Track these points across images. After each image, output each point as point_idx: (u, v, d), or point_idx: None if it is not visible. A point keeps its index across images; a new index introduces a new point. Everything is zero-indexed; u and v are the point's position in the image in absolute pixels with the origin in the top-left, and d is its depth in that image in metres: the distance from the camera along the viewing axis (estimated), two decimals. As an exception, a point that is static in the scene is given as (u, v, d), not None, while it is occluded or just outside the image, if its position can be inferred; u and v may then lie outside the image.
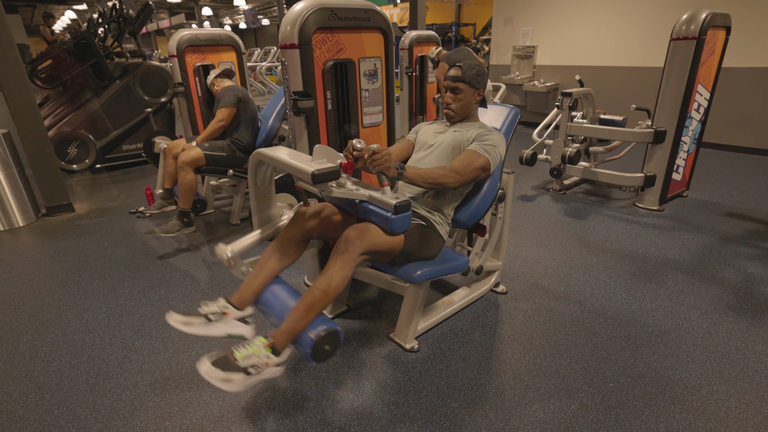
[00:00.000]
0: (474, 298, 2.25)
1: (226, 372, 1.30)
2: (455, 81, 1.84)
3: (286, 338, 1.40)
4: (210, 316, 1.51)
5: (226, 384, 1.29)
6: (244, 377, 1.32)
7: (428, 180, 1.66)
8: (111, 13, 5.40)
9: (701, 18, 3.06)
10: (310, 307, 1.42)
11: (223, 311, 1.54)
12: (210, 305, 1.54)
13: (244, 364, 1.33)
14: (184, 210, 2.88)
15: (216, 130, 2.99)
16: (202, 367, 1.32)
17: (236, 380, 1.30)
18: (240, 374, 1.31)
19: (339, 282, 1.45)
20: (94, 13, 9.86)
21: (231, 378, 1.30)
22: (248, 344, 1.37)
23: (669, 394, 1.66)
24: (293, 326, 1.41)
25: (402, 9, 14.51)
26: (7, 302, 2.38)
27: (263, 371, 1.35)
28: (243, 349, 1.36)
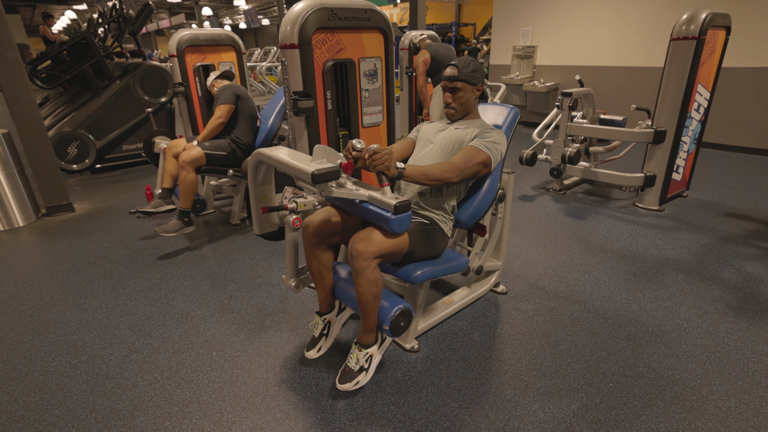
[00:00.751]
0: (474, 298, 2.25)
1: (354, 380, 1.62)
2: (453, 81, 1.84)
3: (368, 335, 1.67)
4: (324, 331, 1.82)
5: (359, 385, 1.62)
6: (365, 372, 1.65)
7: (429, 177, 1.67)
8: (111, 13, 5.41)
9: (701, 18, 3.06)
10: (369, 310, 1.60)
11: (326, 321, 1.83)
12: (316, 326, 1.83)
13: (358, 367, 1.64)
14: (185, 210, 2.87)
15: (215, 127, 2.98)
16: (339, 387, 1.61)
17: (362, 378, 1.63)
18: (361, 374, 1.64)
19: (371, 287, 1.56)
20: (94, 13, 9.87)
21: (358, 380, 1.62)
22: (351, 354, 1.67)
23: (669, 394, 1.66)
24: (369, 326, 1.65)
25: (402, 9, 14.52)
26: (7, 302, 2.38)
27: (373, 360, 1.67)
28: (350, 359, 1.66)
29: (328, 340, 1.82)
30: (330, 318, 1.84)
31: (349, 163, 1.52)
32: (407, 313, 1.64)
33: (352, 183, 1.60)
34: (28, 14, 17.84)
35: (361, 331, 1.68)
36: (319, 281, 1.80)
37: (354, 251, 1.53)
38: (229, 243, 3.04)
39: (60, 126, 4.64)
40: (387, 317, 1.60)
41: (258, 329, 2.09)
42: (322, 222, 1.72)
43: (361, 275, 1.53)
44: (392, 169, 1.53)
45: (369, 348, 1.66)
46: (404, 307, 1.63)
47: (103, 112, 4.84)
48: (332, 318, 1.84)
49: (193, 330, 2.10)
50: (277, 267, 2.69)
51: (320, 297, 1.83)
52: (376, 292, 1.57)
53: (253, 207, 1.89)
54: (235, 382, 1.76)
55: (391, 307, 1.62)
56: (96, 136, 4.82)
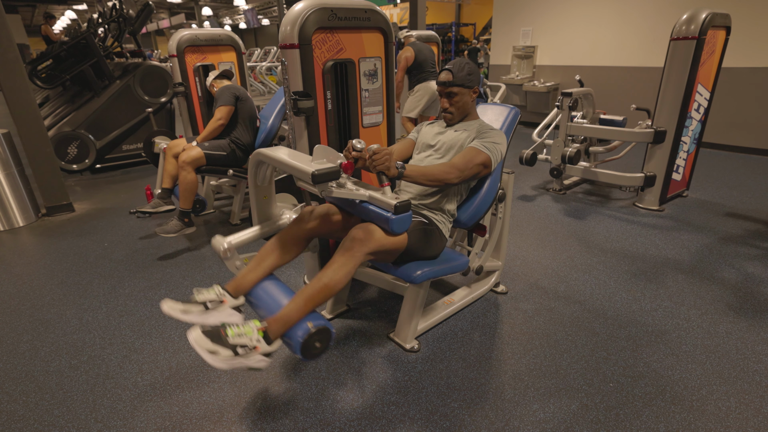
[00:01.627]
0: (474, 298, 2.25)
1: (215, 344, 1.30)
2: (448, 86, 1.84)
3: (280, 326, 1.39)
4: (208, 304, 1.51)
5: (211, 356, 1.28)
6: (231, 355, 1.30)
7: (429, 177, 1.67)
8: (111, 13, 5.41)
9: (701, 18, 3.06)
10: (309, 299, 1.42)
11: (220, 299, 1.53)
12: (206, 292, 1.54)
13: (234, 342, 1.31)
14: (185, 210, 2.87)
15: (215, 129, 2.99)
16: (191, 333, 1.31)
17: (222, 355, 1.29)
18: (228, 350, 1.30)
19: (341, 278, 1.47)
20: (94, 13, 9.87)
21: (218, 351, 1.29)
22: (242, 324, 1.37)
23: (669, 394, 1.66)
24: (289, 315, 1.40)
25: (402, 9, 14.52)
26: (7, 302, 2.38)
27: (251, 356, 1.33)
28: (236, 327, 1.35)
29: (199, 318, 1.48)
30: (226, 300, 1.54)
31: (350, 163, 1.52)
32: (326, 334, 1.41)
33: (352, 183, 1.60)
34: (28, 14, 17.85)
35: (277, 316, 1.40)
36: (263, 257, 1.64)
37: (353, 234, 1.51)
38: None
39: (60, 126, 4.64)
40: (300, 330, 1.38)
41: (258, 329, 2.09)
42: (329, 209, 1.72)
43: (344, 255, 1.47)
44: (392, 169, 1.53)
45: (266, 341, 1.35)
46: (325, 327, 1.41)
47: (103, 112, 4.83)
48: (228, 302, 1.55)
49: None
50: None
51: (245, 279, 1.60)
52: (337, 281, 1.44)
53: (253, 207, 1.89)
54: (235, 382, 1.76)
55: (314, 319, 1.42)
56: (96, 136, 4.82)
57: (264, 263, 1.65)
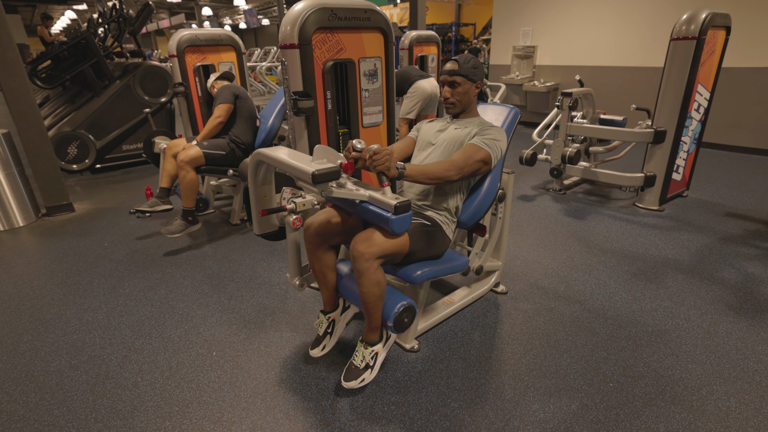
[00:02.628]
0: (474, 298, 2.25)
1: (360, 377, 1.62)
2: (452, 75, 1.85)
3: (373, 333, 1.68)
4: (329, 330, 1.83)
5: (364, 382, 1.63)
6: (370, 370, 1.65)
7: (429, 176, 1.67)
8: (111, 13, 5.41)
9: (701, 18, 3.06)
10: (373, 309, 1.61)
11: (331, 319, 1.83)
12: (321, 324, 1.84)
13: (364, 365, 1.64)
14: (188, 209, 2.88)
15: (214, 127, 2.99)
16: (344, 385, 1.61)
17: (367, 376, 1.64)
18: (366, 371, 1.64)
19: (374, 288, 1.57)
20: (94, 13, 9.87)
21: (364, 377, 1.63)
22: (356, 352, 1.68)
23: (669, 394, 1.66)
24: (373, 324, 1.66)
25: (402, 9, 14.52)
26: (7, 302, 2.38)
27: (378, 358, 1.67)
28: (356, 357, 1.67)
29: (333, 339, 1.83)
30: (334, 316, 1.85)
31: (350, 164, 1.52)
32: (411, 309, 1.65)
33: (352, 183, 1.60)
34: (28, 14, 17.84)
35: (365, 330, 1.69)
36: (322, 280, 1.81)
37: (356, 252, 1.53)
38: (229, 243, 3.04)
39: (60, 126, 4.64)
40: (391, 314, 1.61)
41: (258, 329, 2.09)
42: (322, 223, 1.73)
43: (363, 276, 1.54)
44: (392, 169, 1.53)
45: (374, 346, 1.67)
46: (407, 303, 1.64)
47: (103, 112, 4.83)
48: (336, 316, 1.86)
49: (193, 330, 2.10)
50: (277, 267, 2.69)
51: (324, 296, 1.84)
52: (379, 293, 1.58)
53: (252, 207, 1.89)
54: (235, 382, 1.76)
55: (395, 304, 1.63)
56: (96, 136, 4.82)
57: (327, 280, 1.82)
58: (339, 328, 1.86)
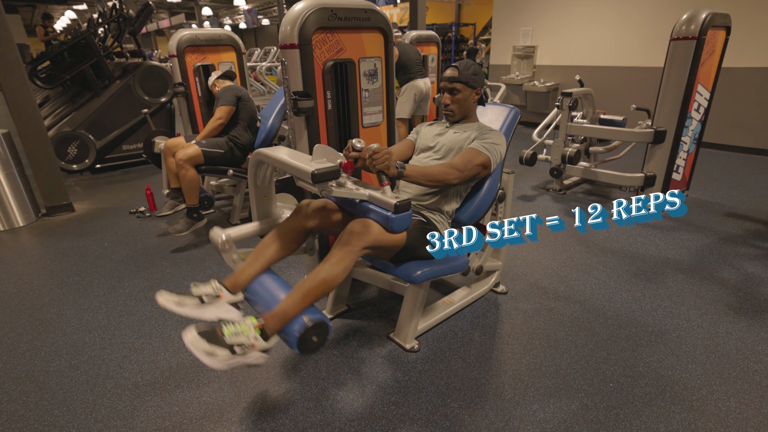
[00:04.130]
0: (474, 298, 2.25)
1: (212, 345, 1.27)
2: (452, 82, 1.85)
3: (277, 322, 1.37)
4: (204, 298, 1.49)
5: (209, 358, 1.26)
6: (229, 355, 1.28)
7: (429, 178, 1.67)
8: (111, 13, 5.41)
9: (701, 18, 3.06)
10: (306, 294, 1.40)
11: (217, 293, 1.52)
12: (202, 287, 1.52)
13: (231, 341, 1.30)
14: (192, 206, 2.89)
15: (215, 128, 2.99)
16: (187, 335, 1.28)
17: (220, 356, 1.27)
18: (225, 351, 1.28)
19: (340, 272, 1.45)
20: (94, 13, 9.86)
21: (215, 352, 1.27)
22: (238, 322, 1.35)
23: (669, 394, 1.66)
24: (286, 311, 1.38)
25: (402, 9, 14.51)
26: (7, 302, 2.38)
27: (249, 354, 1.31)
28: (232, 326, 1.33)
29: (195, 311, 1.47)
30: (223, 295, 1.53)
31: (349, 163, 1.52)
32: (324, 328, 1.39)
33: (352, 182, 1.60)
34: (28, 14, 17.84)
35: (270, 313, 1.39)
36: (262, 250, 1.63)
37: (351, 228, 1.51)
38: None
39: (60, 126, 4.64)
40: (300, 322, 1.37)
41: (258, 329, 2.09)
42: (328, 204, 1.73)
43: (341, 250, 1.45)
44: (392, 168, 1.53)
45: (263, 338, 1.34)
46: (324, 321, 1.39)
47: (103, 112, 4.83)
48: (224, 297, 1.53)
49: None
50: (277, 267, 2.69)
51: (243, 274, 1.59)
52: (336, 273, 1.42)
53: (253, 207, 1.89)
54: (235, 382, 1.76)
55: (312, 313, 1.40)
56: (96, 136, 4.81)
57: (262, 257, 1.63)
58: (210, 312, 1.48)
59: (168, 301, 1.46)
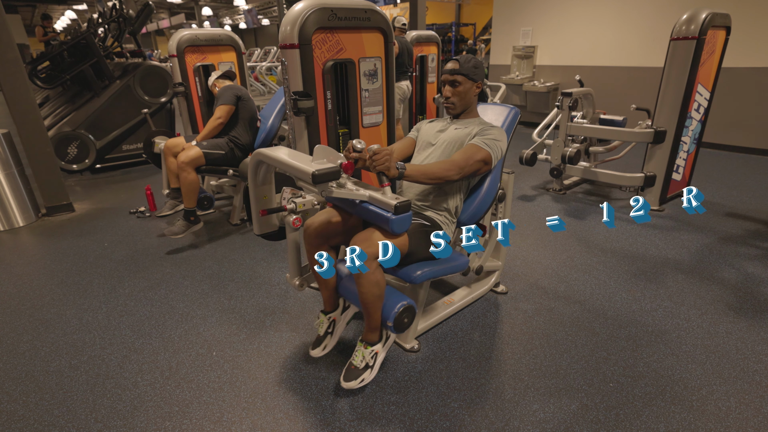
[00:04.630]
0: (474, 298, 2.25)
1: (359, 377, 1.62)
2: (453, 74, 1.85)
3: (373, 333, 1.67)
4: (329, 330, 1.83)
5: (364, 382, 1.62)
6: (370, 370, 1.65)
7: (430, 176, 1.67)
8: (111, 13, 5.41)
9: (701, 18, 3.06)
10: (372, 309, 1.61)
11: (331, 319, 1.84)
12: (321, 324, 1.84)
13: (363, 365, 1.64)
14: (190, 209, 2.88)
15: (215, 127, 2.99)
16: (344, 385, 1.61)
17: (367, 376, 1.64)
18: (366, 371, 1.64)
19: (373, 288, 1.56)
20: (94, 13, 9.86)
21: (363, 377, 1.63)
22: (356, 352, 1.68)
23: (669, 394, 1.66)
24: (373, 324, 1.66)
25: (402, 9, 14.51)
26: (7, 302, 2.38)
27: (378, 358, 1.67)
28: (356, 357, 1.66)
29: (333, 338, 1.83)
30: (335, 316, 1.85)
31: (350, 164, 1.52)
32: (410, 309, 1.64)
33: (352, 183, 1.60)
34: (28, 14, 17.84)
35: (365, 330, 1.68)
36: (321, 281, 1.80)
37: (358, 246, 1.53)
38: (229, 243, 3.04)
39: (60, 126, 4.64)
40: (390, 314, 1.60)
41: (258, 329, 2.09)
42: (323, 224, 1.73)
43: (362, 277, 1.53)
44: (393, 169, 1.53)
45: (374, 346, 1.66)
46: (407, 304, 1.63)
47: (103, 112, 4.83)
48: (336, 316, 1.86)
49: (193, 330, 2.10)
50: (277, 267, 2.69)
51: (324, 296, 1.84)
52: (378, 293, 1.58)
53: (252, 207, 1.89)
54: (235, 382, 1.76)
55: (395, 304, 1.62)
56: (96, 136, 4.82)
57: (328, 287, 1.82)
58: (339, 328, 1.86)
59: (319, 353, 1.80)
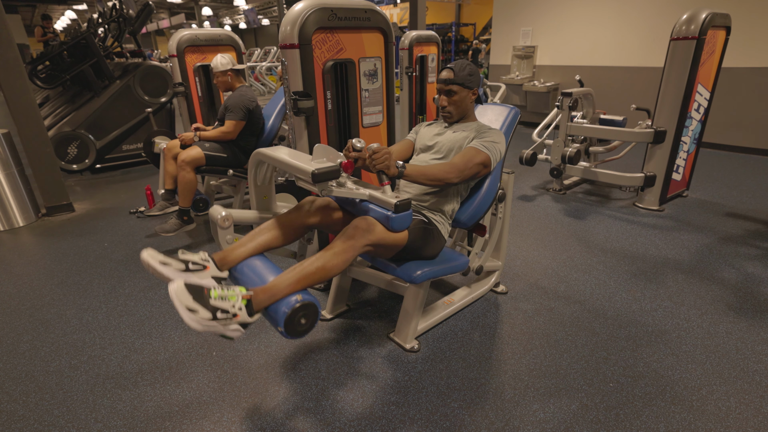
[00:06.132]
0: (474, 298, 2.25)
1: (196, 302, 1.23)
2: (448, 84, 1.85)
3: (266, 297, 1.33)
4: (190, 265, 1.45)
5: (189, 314, 1.21)
6: (209, 318, 1.23)
7: (429, 177, 1.67)
8: (111, 13, 5.41)
9: (701, 18, 3.06)
10: (302, 276, 1.38)
11: (204, 264, 1.48)
12: (190, 254, 1.48)
13: (215, 304, 1.25)
14: (184, 209, 2.88)
15: (221, 138, 2.97)
16: (173, 284, 1.24)
17: (201, 315, 1.22)
18: (207, 312, 1.23)
19: (339, 263, 1.45)
20: (94, 13, 9.86)
21: (197, 310, 1.22)
22: (228, 287, 1.32)
23: (669, 394, 1.66)
24: (278, 288, 1.35)
25: (402, 9, 14.51)
26: (7, 302, 2.38)
27: (228, 323, 1.27)
28: (221, 289, 1.29)
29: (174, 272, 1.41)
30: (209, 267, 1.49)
31: (350, 163, 1.52)
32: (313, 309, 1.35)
33: (352, 182, 1.60)
34: (28, 14, 17.84)
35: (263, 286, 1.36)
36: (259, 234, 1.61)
37: (356, 224, 1.52)
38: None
39: (60, 126, 4.64)
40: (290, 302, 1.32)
41: (258, 329, 2.09)
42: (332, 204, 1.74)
43: (344, 243, 1.46)
44: (392, 167, 1.53)
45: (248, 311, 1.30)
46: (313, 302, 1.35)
47: (103, 112, 4.83)
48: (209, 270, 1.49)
49: (193, 330, 2.10)
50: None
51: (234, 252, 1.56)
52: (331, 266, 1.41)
53: (253, 207, 1.89)
54: (235, 382, 1.76)
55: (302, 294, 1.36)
56: (96, 136, 4.82)
57: (255, 240, 1.59)
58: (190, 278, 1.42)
59: (152, 258, 1.39)
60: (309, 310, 1.33)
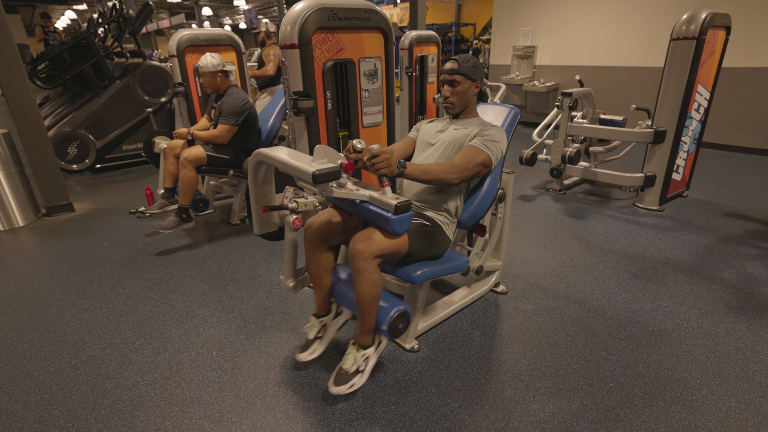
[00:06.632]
0: (474, 298, 2.25)
1: (349, 382, 1.60)
2: (452, 74, 1.84)
3: (366, 336, 1.65)
4: (319, 334, 1.80)
5: (354, 387, 1.60)
6: (360, 375, 1.63)
7: (430, 176, 1.67)
8: (111, 13, 5.41)
9: (701, 18, 3.06)
10: (368, 311, 1.60)
11: (322, 324, 1.82)
12: (312, 328, 1.81)
13: (354, 369, 1.62)
14: (183, 206, 2.88)
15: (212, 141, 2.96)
16: (332, 390, 1.59)
17: (357, 381, 1.61)
18: (356, 376, 1.62)
19: (371, 288, 1.55)
20: (94, 13, 9.87)
21: (353, 382, 1.61)
22: (347, 355, 1.65)
23: (669, 394, 1.66)
24: (367, 327, 1.64)
25: (402, 9, 14.51)
26: (7, 302, 2.38)
27: (369, 362, 1.65)
28: (346, 360, 1.63)
29: (323, 343, 1.80)
30: (326, 321, 1.83)
31: (350, 164, 1.52)
32: (405, 315, 1.64)
33: (352, 183, 1.60)
34: (28, 14, 17.84)
35: (358, 332, 1.66)
36: (317, 283, 1.79)
37: (354, 251, 1.53)
38: (229, 243, 3.04)
39: (60, 126, 4.64)
40: (386, 318, 1.59)
41: (258, 329, 2.09)
42: (323, 223, 1.72)
43: (361, 275, 1.53)
44: (393, 167, 1.53)
45: (366, 349, 1.65)
46: (403, 309, 1.63)
47: (103, 112, 4.83)
48: (328, 321, 1.84)
49: (193, 330, 2.10)
50: (278, 267, 2.69)
51: (318, 299, 1.83)
52: (375, 293, 1.57)
53: (253, 207, 1.89)
54: (235, 382, 1.76)
55: (390, 308, 1.61)
56: (96, 136, 4.82)
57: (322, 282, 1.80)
58: (330, 333, 1.83)
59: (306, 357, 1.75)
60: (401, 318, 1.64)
